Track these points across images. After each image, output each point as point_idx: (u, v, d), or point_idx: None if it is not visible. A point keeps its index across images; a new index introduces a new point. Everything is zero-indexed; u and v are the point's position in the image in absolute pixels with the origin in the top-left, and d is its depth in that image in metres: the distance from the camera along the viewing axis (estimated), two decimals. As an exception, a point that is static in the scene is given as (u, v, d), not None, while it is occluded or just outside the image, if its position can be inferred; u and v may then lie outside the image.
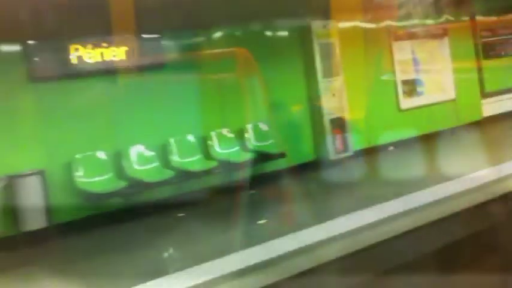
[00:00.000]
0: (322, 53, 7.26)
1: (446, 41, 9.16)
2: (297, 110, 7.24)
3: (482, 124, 9.51)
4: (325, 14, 7.64)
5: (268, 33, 7.19)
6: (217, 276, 3.59)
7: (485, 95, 9.77)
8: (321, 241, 4.12)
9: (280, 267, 3.65)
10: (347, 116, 7.51)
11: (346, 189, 6.04)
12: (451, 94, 9.15)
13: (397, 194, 5.20)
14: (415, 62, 8.75)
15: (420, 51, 8.84)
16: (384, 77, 8.27)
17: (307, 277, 3.57)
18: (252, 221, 4.97)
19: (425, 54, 8.93)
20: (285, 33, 7.30)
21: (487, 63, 9.83)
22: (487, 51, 9.89)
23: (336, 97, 7.38)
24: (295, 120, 7.20)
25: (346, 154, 7.41)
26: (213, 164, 6.05)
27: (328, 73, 7.30)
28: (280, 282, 3.57)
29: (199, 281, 3.54)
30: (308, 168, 7.09)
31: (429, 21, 9.06)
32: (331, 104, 7.32)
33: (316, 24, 7.26)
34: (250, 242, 4.20)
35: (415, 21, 8.86)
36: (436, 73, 9.03)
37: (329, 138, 7.22)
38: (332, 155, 7.25)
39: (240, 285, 3.54)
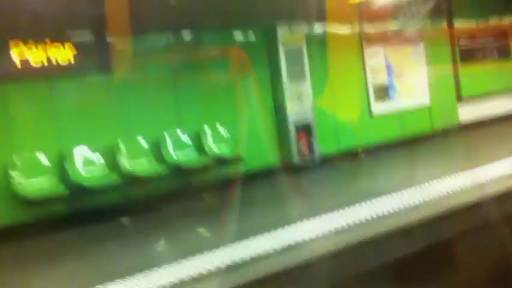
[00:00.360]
0: (289, 57, 6.99)
1: (421, 46, 8.97)
2: (262, 113, 7.06)
3: (458, 130, 9.31)
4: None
5: (232, 36, 6.92)
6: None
7: (462, 100, 9.59)
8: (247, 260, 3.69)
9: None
10: (314, 120, 7.37)
11: (302, 198, 5.64)
12: (425, 100, 8.93)
13: (351, 204, 4.90)
14: (388, 67, 8.51)
15: (394, 56, 8.58)
16: (355, 82, 8.11)
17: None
18: (193, 231, 4.70)
19: (399, 59, 8.67)
20: (250, 37, 7.03)
21: (464, 68, 9.64)
22: (465, 56, 9.70)
23: (302, 101, 7.17)
24: (259, 123, 6.96)
25: (312, 160, 7.18)
26: (163, 168, 5.79)
27: (294, 77, 7.07)
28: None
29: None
30: (271, 174, 6.79)
31: (404, 26, 8.94)
32: (296, 109, 7.10)
33: (283, 28, 7.01)
34: (181, 254, 3.92)
35: (390, 26, 8.76)
36: (410, 78, 8.81)
37: (293, 143, 7.03)
38: (296, 161, 7.01)
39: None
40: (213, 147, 6.24)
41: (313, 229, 4.20)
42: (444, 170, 6.07)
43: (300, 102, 7.08)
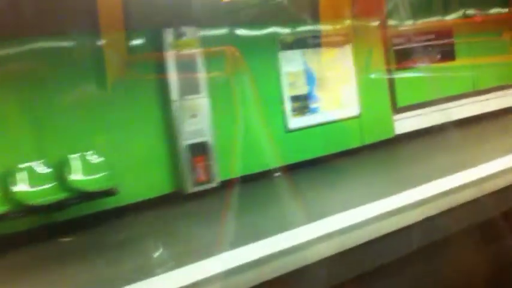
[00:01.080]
0: (179, 67, 6.12)
1: (348, 49, 8.17)
2: (148, 134, 6.14)
3: (393, 144, 8.54)
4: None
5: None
6: None
7: (398, 110, 8.82)
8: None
9: None
10: (212, 140, 6.50)
11: (183, 236, 4.91)
12: (353, 110, 8.12)
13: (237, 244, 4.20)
14: (308, 74, 7.73)
15: (315, 61, 7.81)
16: (267, 93, 7.20)
17: None
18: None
19: (321, 65, 7.90)
20: (132, 42, 6.04)
21: (400, 75, 8.89)
22: (400, 60, 8.93)
23: (198, 118, 6.29)
24: (145, 147, 6.01)
25: (210, 185, 6.27)
26: (10, 206, 4.82)
27: (187, 90, 6.18)
28: None
29: None
30: (159, 204, 5.91)
31: (328, 27, 8.12)
32: (190, 127, 6.20)
33: (170, 32, 6.08)
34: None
35: (311, 28, 7.93)
36: (335, 86, 8.02)
37: (186, 169, 6.12)
38: (190, 188, 6.10)
39: None
40: (79, 179, 5.33)
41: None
42: (364, 197, 5.37)
43: (195, 119, 6.25)
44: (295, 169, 6.98)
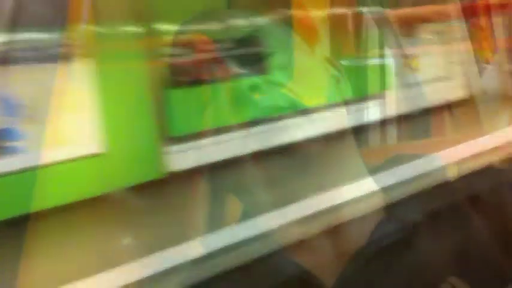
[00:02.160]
0: None
1: (82, 65, 6.21)
2: None
3: (163, 184, 6.54)
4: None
5: None
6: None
7: (174, 140, 6.86)
8: None
9: None
10: None
11: None
12: (89, 146, 6.11)
13: None
14: (6, 102, 5.72)
15: (23, 83, 5.83)
16: None
17: None
18: None
19: (35, 88, 5.91)
20: None
21: (178, 95, 7.00)
22: (177, 76, 7.04)
23: None
24: None
25: None
26: None
27: None
28: None
29: None
30: None
31: (50, 35, 6.17)
32: None
33: None
34: None
35: (19, 37, 5.98)
36: (59, 116, 6.02)
37: None
38: None
39: None
40: None
41: None
42: None
43: None
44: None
